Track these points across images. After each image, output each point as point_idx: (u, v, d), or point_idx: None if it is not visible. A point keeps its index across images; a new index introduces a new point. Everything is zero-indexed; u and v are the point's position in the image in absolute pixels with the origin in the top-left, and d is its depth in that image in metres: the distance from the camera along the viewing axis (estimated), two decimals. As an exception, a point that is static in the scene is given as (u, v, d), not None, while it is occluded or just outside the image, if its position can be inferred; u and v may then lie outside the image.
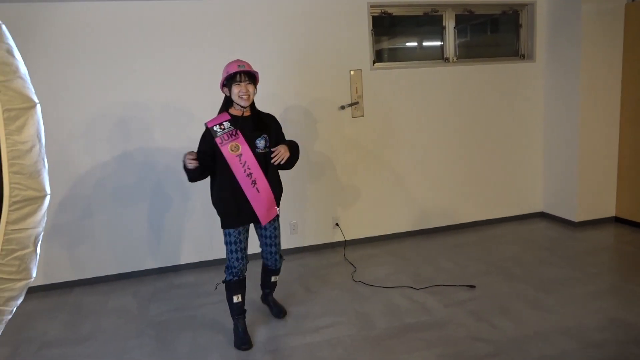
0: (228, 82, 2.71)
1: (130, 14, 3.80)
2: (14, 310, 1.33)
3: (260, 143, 2.78)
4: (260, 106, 2.99)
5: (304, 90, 4.26)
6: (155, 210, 4.08)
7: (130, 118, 3.92)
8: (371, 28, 4.38)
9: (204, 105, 4.01)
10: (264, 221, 2.84)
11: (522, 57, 4.92)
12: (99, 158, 3.91)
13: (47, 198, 1.24)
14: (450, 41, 4.69)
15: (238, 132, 2.72)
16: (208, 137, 2.73)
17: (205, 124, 2.76)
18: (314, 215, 4.47)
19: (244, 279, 2.90)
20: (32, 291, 3.82)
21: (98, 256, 4.03)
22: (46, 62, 3.70)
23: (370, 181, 4.56)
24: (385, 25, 4.61)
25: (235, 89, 2.69)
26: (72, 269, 3.98)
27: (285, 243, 4.37)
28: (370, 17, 4.37)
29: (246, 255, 2.88)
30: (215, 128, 2.71)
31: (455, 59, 4.72)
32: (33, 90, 1.23)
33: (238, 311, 2.91)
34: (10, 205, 1.15)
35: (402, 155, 4.62)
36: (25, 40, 3.62)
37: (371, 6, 4.35)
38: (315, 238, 4.50)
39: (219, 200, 2.80)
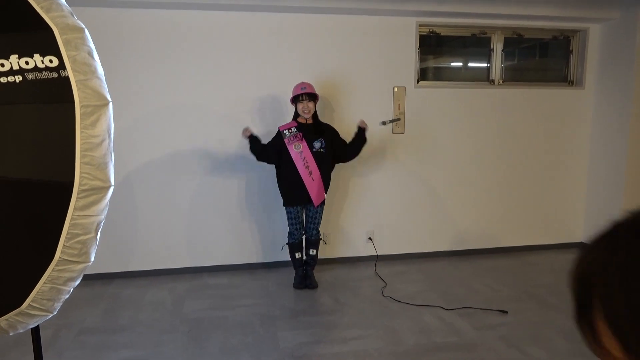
0: (295, 99, 3.65)
1: (188, 22, 3.99)
2: (71, 290, 1.44)
3: (317, 144, 3.68)
4: None
5: (347, 103, 4.33)
6: (196, 211, 4.22)
7: (179, 120, 4.09)
8: (418, 46, 4.42)
9: (252, 112, 4.15)
10: (316, 202, 3.73)
11: (571, 83, 4.85)
12: (147, 156, 4.09)
13: (111, 189, 1.34)
14: (497, 63, 4.67)
15: (301, 135, 3.63)
16: (277, 137, 3.69)
17: (278, 127, 3.70)
18: (347, 228, 4.51)
19: (301, 241, 3.90)
20: (75, 279, 4.01)
21: (138, 251, 4.19)
22: (108, 62, 3.92)
23: (406, 198, 4.57)
24: (431, 44, 4.65)
25: (300, 106, 3.64)
26: (114, 262, 4.16)
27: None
28: (418, 36, 4.42)
29: (302, 227, 3.87)
30: (285, 131, 3.66)
31: (501, 81, 4.69)
32: (107, 89, 1.34)
33: (298, 263, 3.91)
34: (78, 193, 1.25)
35: (441, 174, 4.61)
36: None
37: (420, 25, 4.40)
38: (348, 250, 4.54)
39: (282, 185, 3.78)
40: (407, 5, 4.10)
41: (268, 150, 3.70)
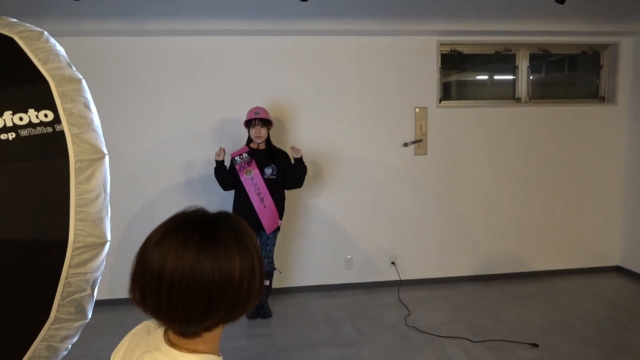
0: (247, 124, 3.63)
1: (187, 49, 4.01)
2: (69, 347, 1.40)
3: (268, 171, 3.64)
4: (322, 139, 3.99)
5: (368, 125, 4.25)
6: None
7: (177, 151, 4.07)
8: (439, 66, 4.32)
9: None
10: (268, 230, 3.64)
11: (602, 99, 4.64)
12: (169, 181, 4.09)
13: (107, 245, 1.30)
14: (522, 80, 4.51)
15: (253, 161, 3.61)
16: (231, 164, 3.69)
17: (230, 155, 3.67)
18: (370, 251, 4.39)
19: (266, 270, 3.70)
20: (97, 305, 4.01)
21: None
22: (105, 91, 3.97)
23: (430, 221, 4.43)
24: (453, 62, 4.53)
25: (252, 131, 3.62)
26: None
27: (340, 278, 4.34)
28: (439, 55, 4.31)
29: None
30: (236, 158, 3.64)
31: (527, 99, 4.53)
32: (103, 142, 1.31)
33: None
34: (73, 250, 1.21)
35: (466, 196, 4.45)
36: (89, 69, 3.91)
37: (440, 44, 4.30)
38: (370, 275, 4.42)
39: (235, 210, 3.68)
40: (427, 25, 4.01)
41: (227, 179, 3.68)
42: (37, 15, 3.52)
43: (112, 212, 4.01)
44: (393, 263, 4.42)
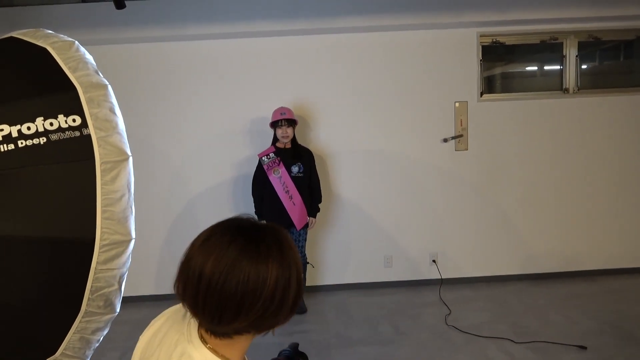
0: (274, 124, 3.73)
1: (207, 53, 4.08)
2: (101, 339, 1.48)
3: (295, 169, 3.74)
4: (359, 135, 4.06)
5: (406, 121, 4.19)
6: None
7: (214, 151, 4.15)
8: (480, 58, 4.19)
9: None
10: (298, 226, 3.74)
11: (660, 87, 4.34)
12: (212, 179, 4.21)
13: (132, 242, 1.37)
14: (570, 70, 4.29)
15: (280, 160, 3.69)
16: (259, 166, 3.78)
17: (258, 155, 3.78)
18: (410, 249, 4.33)
19: None
20: (144, 300, 4.19)
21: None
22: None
23: (471, 218, 4.31)
24: (496, 53, 4.38)
25: (278, 131, 3.71)
26: (179, 283, 4.30)
27: (379, 276, 4.31)
28: (480, 47, 4.19)
29: None
30: (263, 158, 3.74)
31: (576, 89, 4.31)
32: (127, 144, 1.37)
33: None
34: (100, 248, 1.29)
35: (509, 192, 4.30)
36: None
37: (481, 35, 4.17)
38: (410, 273, 4.36)
39: (265, 209, 3.79)
40: (466, 16, 3.90)
41: (261, 200, 3.84)
42: (79, 26, 3.72)
43: (156, 212, 4.21)
44: (434, 261, 4.34)
